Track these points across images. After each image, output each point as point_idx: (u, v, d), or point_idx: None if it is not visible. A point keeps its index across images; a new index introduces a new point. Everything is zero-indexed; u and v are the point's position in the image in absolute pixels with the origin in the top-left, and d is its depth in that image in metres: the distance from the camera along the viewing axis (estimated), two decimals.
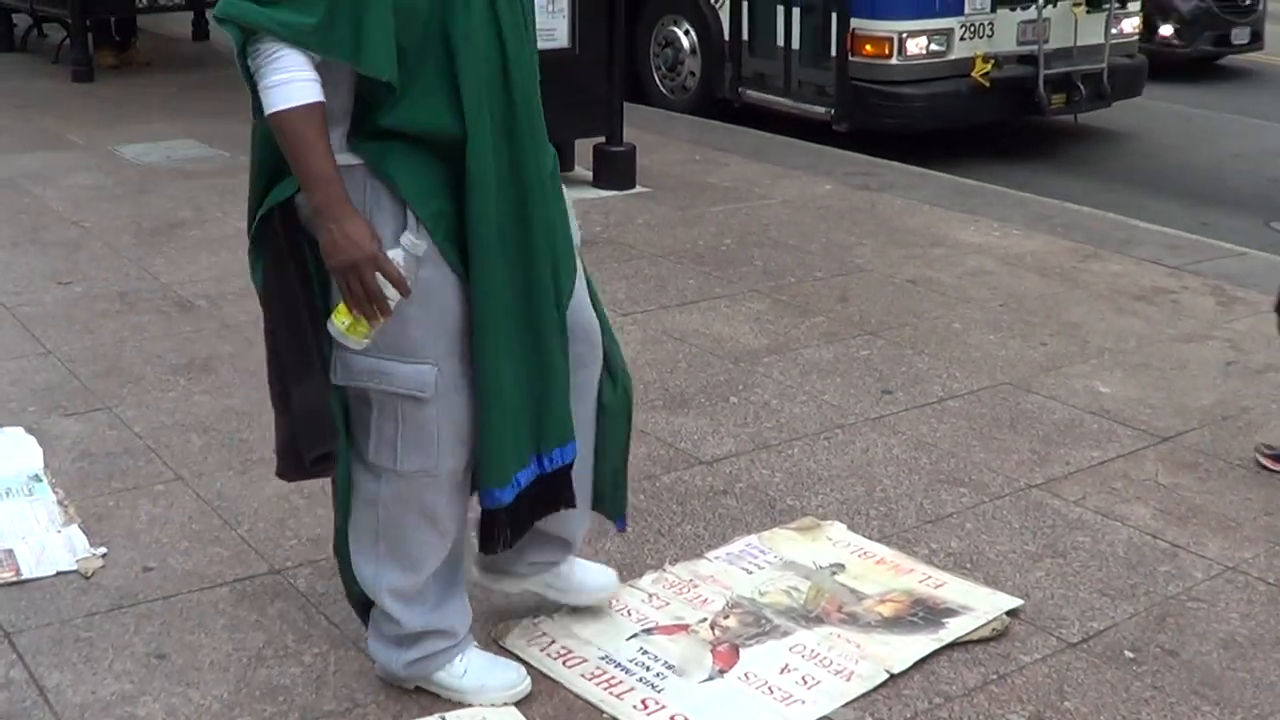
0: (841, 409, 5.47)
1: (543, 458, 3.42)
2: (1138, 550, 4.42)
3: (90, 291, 6.71)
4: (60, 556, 4.22)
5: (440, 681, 3.57)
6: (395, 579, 3.45)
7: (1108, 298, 6.93)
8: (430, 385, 3.23)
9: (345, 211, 3.05)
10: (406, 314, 3.18)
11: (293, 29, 2.95)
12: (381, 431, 3.32)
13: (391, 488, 3.37)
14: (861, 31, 10.32)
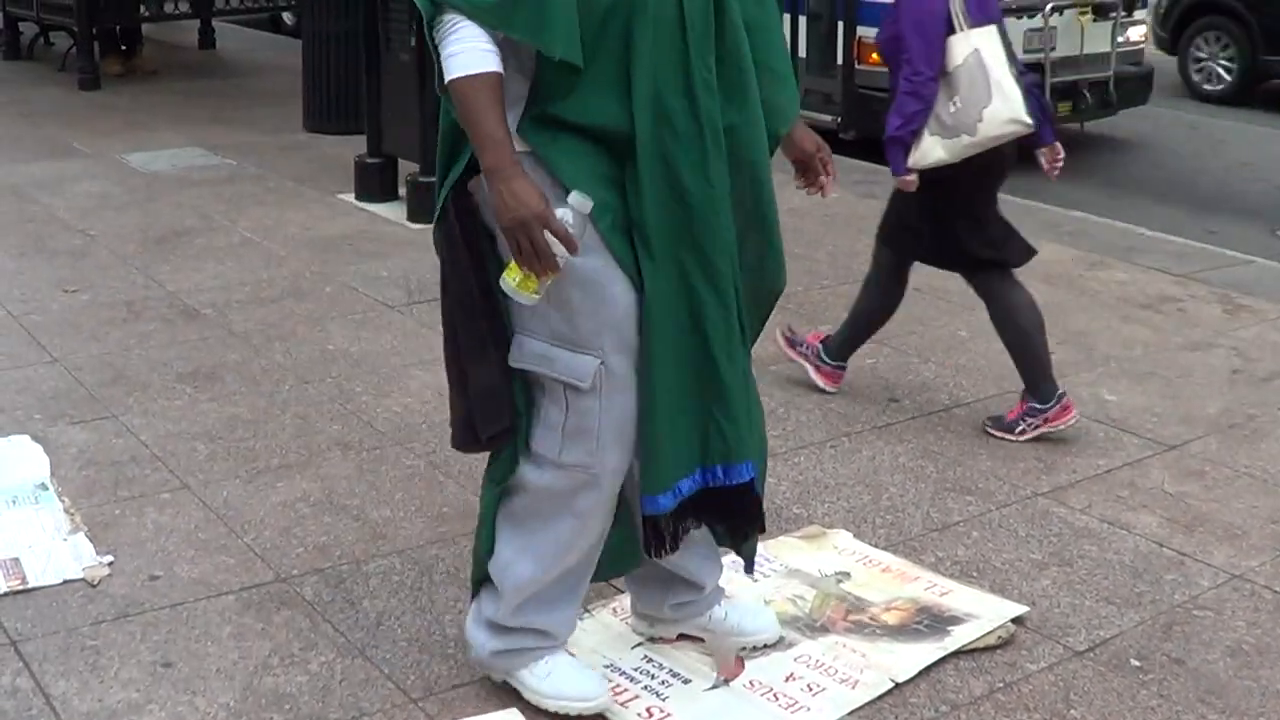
0: (848, 417, 5.46)
1: (708, 471, 3.39)
2: (1144, 558, 4.42)
3: (96, 300, 6.72)
4: (66, 565, 4.22)
5: (522, 679, 3.56)
6: (526, 571, 3.44)
7: (1114, 306, 6.92)
8: (589, 376, 3.22)
9: (515, 171, 3.08)
10: (573, 302, 3.20)
11: (476, 5, 3.02)
12: (549, 418, 3.32)
13: (547, 478, 3.35)
14: (868, 39, 10.06)
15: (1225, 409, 5.62)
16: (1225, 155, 11.41)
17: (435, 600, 4.08)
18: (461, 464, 4.92)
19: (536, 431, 3.35)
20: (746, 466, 3.42)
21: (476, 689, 3.66)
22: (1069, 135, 11.16)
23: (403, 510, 4.62)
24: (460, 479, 4.82)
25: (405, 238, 7.88)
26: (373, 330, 6.33)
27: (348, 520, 4.52)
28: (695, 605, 3.78)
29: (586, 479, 3.32)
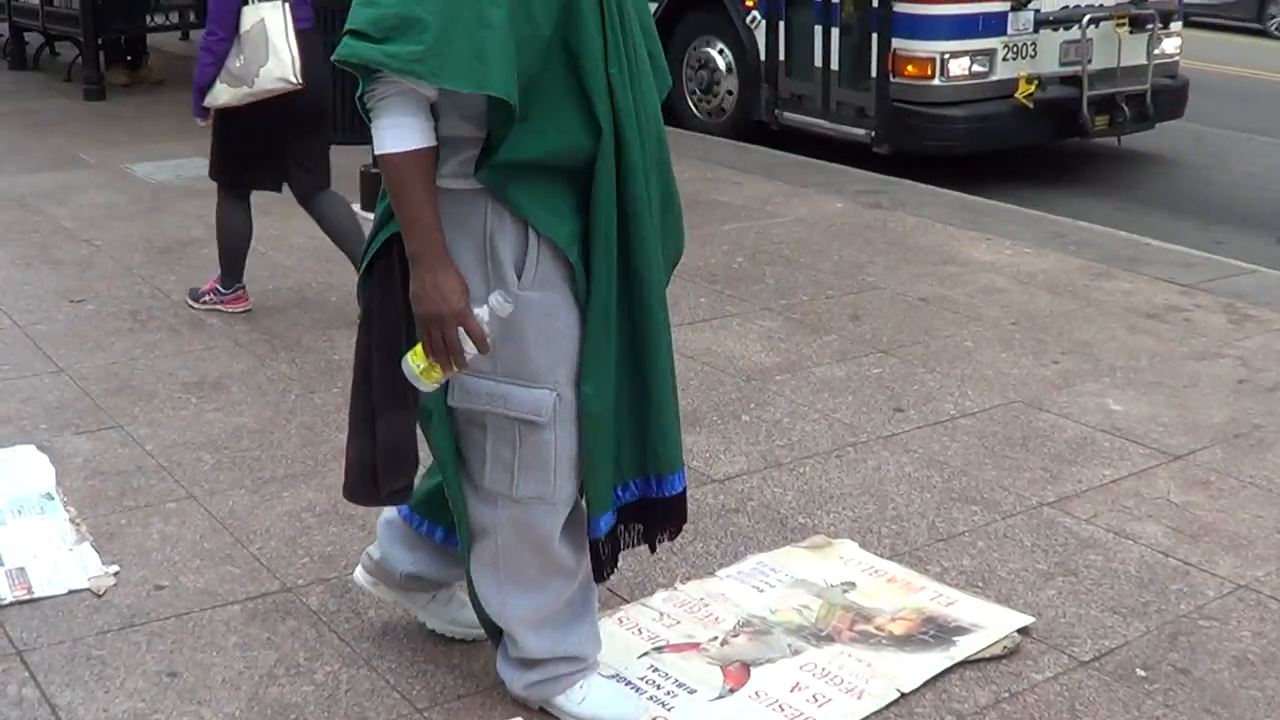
0: (853, 427, 5.46)
1: (650, 481, 3.43)
2: (1149, 568, 4.42)
3: (102, 309, 6.73)
4: (72, 574, 4.22)
5: (559, 706, 3.55)
6: (521, 606, 3.44)
7: (1119, 316, 6.92)
8: (549, 410, 3.23)
9: (440, 262, 3.08)
10: (526, 338, 3.19)
11: (402, 59, 2.95)
12: (498, 456, 3.31)
13: (507, 514, 3.35)
14: (903, 52, 10.07)
15: (1231, 419, 5.62)
16: (1230, 165, 11.40)
17: None
18: None
19: (487, 470, 3.33)
20: (678, 477, 3.46)
21: (482, 699, 3.66)
22: (1074, 147, 11.16)
23: None
24: None
25: None
26: None
27: (353, 530, 4.52)
28: (426, 585, 3.80)
29: (545, 508, 3.33)
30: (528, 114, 3.07)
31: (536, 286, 3.18)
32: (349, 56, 3.00)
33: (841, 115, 10.69)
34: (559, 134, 3.13)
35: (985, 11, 10.11)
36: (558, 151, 3.14)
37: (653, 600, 4.15)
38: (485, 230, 3.16)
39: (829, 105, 10.77)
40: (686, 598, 4.17)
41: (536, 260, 3.17)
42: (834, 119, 10.76)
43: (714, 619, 4.05)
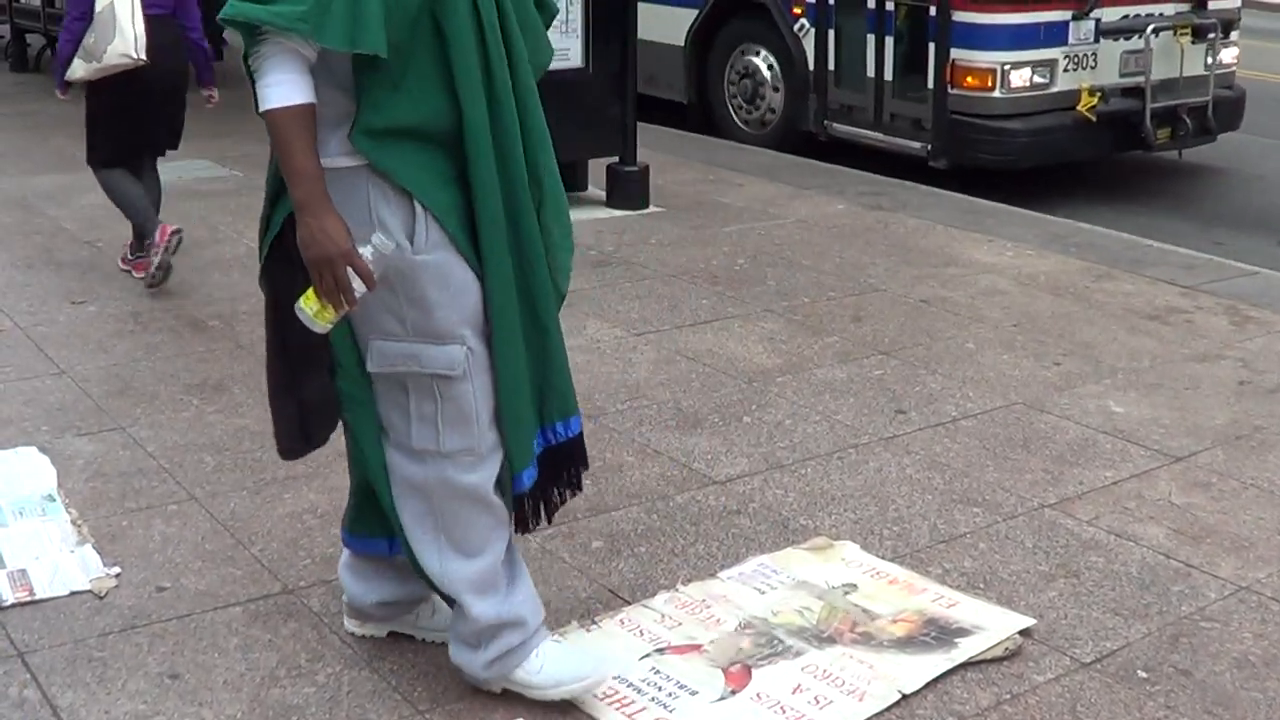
0: (855, 429, 5.46)
1: (547, 430, 3.57)
2: (1151, 570, 4.42)
3: (104, 311, 6.73)
4: (74, 576, 4.23)
5: (520, 680, 3.60)
6: (462, 569, 3.51)
7: (1121, 317, 6.92)
8: (460, 363, 3.36)
9: (324, 207, 3.20)
10: (428, 299, 3.32)
11: (286, 17, 3.09)
12: (422, 413, 3.42)
13: (437, 471, 3.44)
14: (962, 62, 9.74)
15: (1232, 420, 5.62)
16: (1233, 168, 11.39)
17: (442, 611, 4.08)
18: None
19: (413, 429, 3.44)
20: (576, 420, 3.64)
21: (483, 700, 3.66)
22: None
23: None
24: None
25: None
26: None
27: None
28: (400, 605, 3.86)
29: (472, 460, 3.43)
30: (400, 81, 3.21)
31: (430, 249, 3.31)
32: (235, 15, 3.14)
33: (895, 127, 10.40)
34: (429, 101, 3.25)
35: (1046, 21, 9.83)
36: (429, 119, 3.27)
37: (654, 602, 4.15)
38: (370, 204, 3.29)
39: (882, 117, 10.47)
40: (688, 599, 4.17)
41: (425, 225, 3.30)
42: (887, 131, 10.47)
43: (715, 620, 4.05)
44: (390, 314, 3.35)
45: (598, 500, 4.80)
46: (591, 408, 5.60)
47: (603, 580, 4.29)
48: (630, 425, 5.45)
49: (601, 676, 3.63)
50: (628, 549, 4.48)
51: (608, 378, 5.96)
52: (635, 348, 6.34)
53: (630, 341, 6.42)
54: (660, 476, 5.00)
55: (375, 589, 3.82)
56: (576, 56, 8.67)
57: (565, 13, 8.55)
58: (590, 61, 8.72)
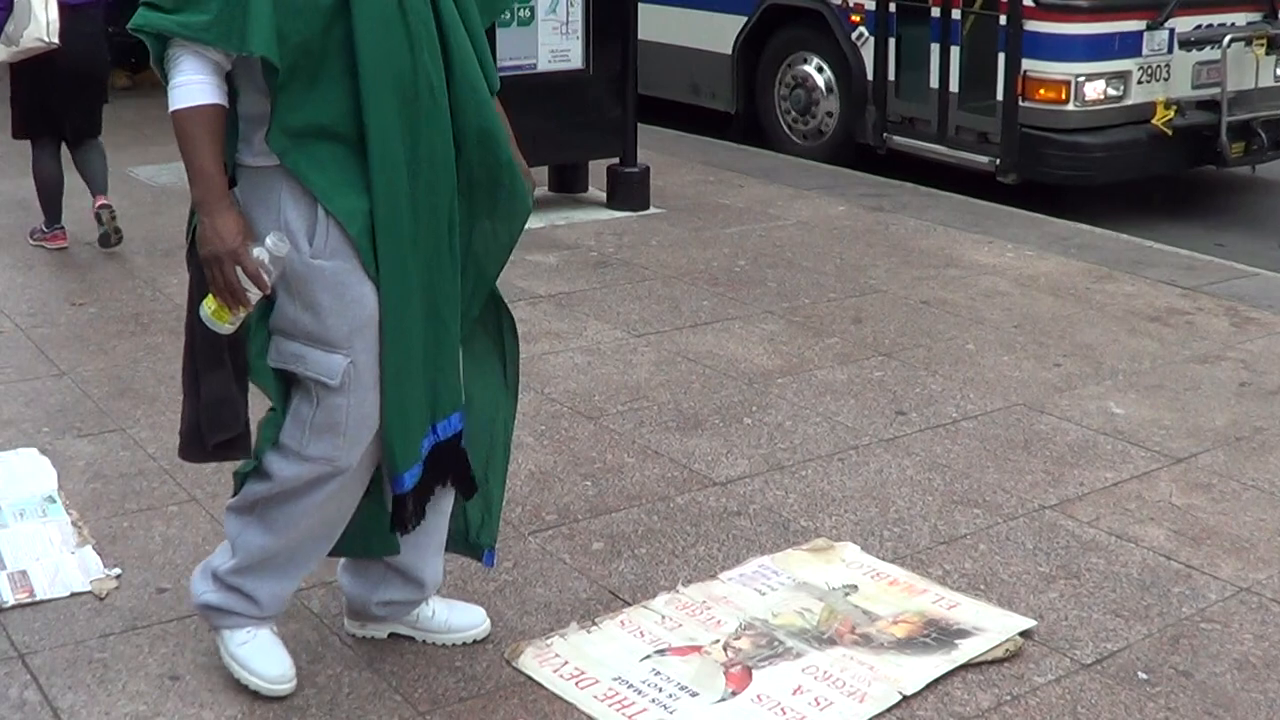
0: (855, 430, 5.46)
1: (436, 426, 3.56)
2: (1151, 571, 4.42)
3: (104, 313, 6.73)
4: (74, 578, 4.23)
5: (224, 639, 3.69)
6: (256, 539, 3.57)
7: (1121, 319, 6.92)
8: (339, 374, 3.36)
9: (219, 207, 3.25)
10: (323, 305, 3.34)
11: (191, 27, 3.17)
12: (299, 413, 3.46)
13: (291, 469, 3.47)
14: (1035, 74, 9.28)
15: (1233, 422, 5.62)
16: (1235, 170, 11.37)
17: None
18: None
19: (286, 424, 3.48)
20: (457, 416, 3.60)
21: (484, 702, 3.66)
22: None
23: None
24: None
25: None
26: None
27: None
28: (403, 605, 3.88)
29: (329, 470, 3.45)
30: (314, 81, 3.24)
31: (327, 255, 3.32)
32: (144, 25, 3.23)
33: (961, 141, 9.94)
34: (342, 102, 3.27)
35: (1120, 31, 9.38)
36: (340, 120, 3.28)
37: (654, 603, 4.15)
38: (279, 202, 3.32)
39: (946, 130, 10.01)
40: (688, 600, 4.17)
41: (326, 230, 3.31)
42: (952, 145, 10.02)
43: (716, 622, 4.05)
44: (286, 315, 3.39)
45: (598, 501, 4.80)
46: (592, 409, 5.60)
47: (603, 581, 4.29)
48: (630, 426, 5.45)
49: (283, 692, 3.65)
50: (628, 550, 4.48)
51: (608, 379, 5.96)
52: (636, 349, 6.34)
53: (630, 343, 6.42)
54: (661, 478, 5.00)
55: (375, 590, 3.83)
56: (577, 58, 8.68)
57: (565, 14, 8.56)
58: (590, 63, 8.72)
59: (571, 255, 7.90)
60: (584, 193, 9.28)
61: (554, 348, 6.32)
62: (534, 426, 5.41)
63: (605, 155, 9.08)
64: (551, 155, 9.02)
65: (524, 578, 4.30)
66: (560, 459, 5.14)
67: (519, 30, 8.41)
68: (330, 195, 3.29)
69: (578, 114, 8.81)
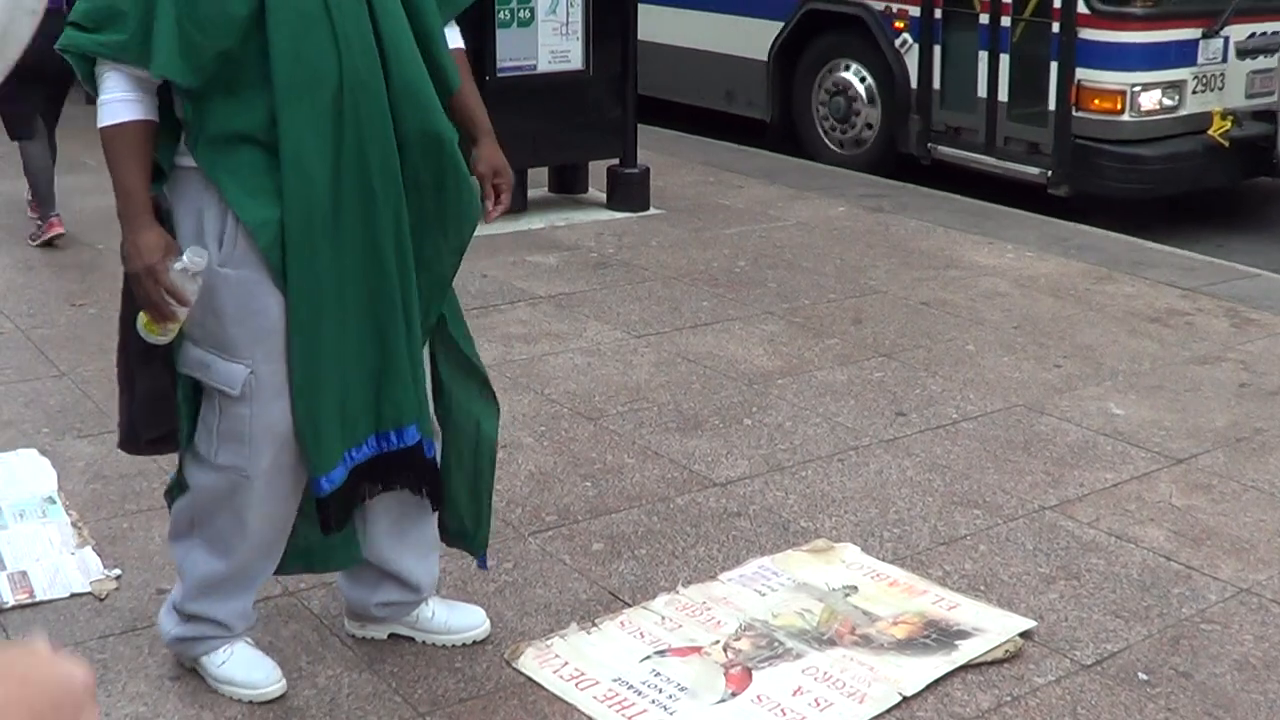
0: (855, 431, 5.47)
1: (381, 437, 3.53)
2: (1151, 572, 4.42)
3: (104, 313, 6.72)
4: (74, 578, 4.23)
5: (203, 664, 3.71)
6: (203, 565, 3.59)
7: (1121, 320, 6.92)
8: (239, 384, 3.37)
9: (140, 223, 3.30)
10: (225, 313, 3.36)
11: (111, 46, 3.24)
12: (206, 421, 3.49)
13: (208, 478, 3.50)
14: (1089, 83, 9.01)
15: (1233, 422, 5.62)
16: None
17: None
18: None
19: (198, 432, 3.51)
20: (413, 429, 3.55)
21: (484, 703, 3.66)
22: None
23: None
24: None
25: None
26: None
27: None
28: (402, 606, 3.89)
29: (240, 479, 3.46)
30: (234, 88, 3.27)
31: (234, 265, 3.33)
32: (69, 46, 3.29)
33: (1010, 152, 9.62)
34: (259, 110, 3.28)
35: (1177, 39, 9.14)
36: (258, 127, 3.29)
37: (654, 604, 4.15)
38: (199, 206, 3.34)
39: (994, 140, 9.69)
40: (688, 601, 4.17)
41: (234, 239, 3.32)
42: (1000, 155, 9.69)
43: (716, 623, 4.05)
44: (195, 321, 3.39)
45: (598, 502, 4.80)
46: (592, 409, 5.60)
47: (603, 582, 4.29)
48: (630, 427, 5.45)
49: (274, 693, 3.66)
50: (628, 551, 4.48)
51: (608, 380, 5.96)
52: (636, 350, 6.34)
53: (631, 344, 6.42)
54: (661, 479, 5.00)
55: (373, 592, 3.84)
56: (577, 59, 8.67)
57: (565, 15, 8.56)
58: (590, 64, 8.72)
59: (571, 256, 7.90)
60: (584, 193, 9.28)
61: (554, 348, 6.33)
62: (534, 427, 5.41)
63: (605, 156, 9.09)
64: (551, 156, 9.04)
65: (524, 578, 4.30)
66: (560, 460, 5.14)
67: (519, 31, 8.41)
68: (242, 204, 3.29)
69: (578, 115, 8.82)
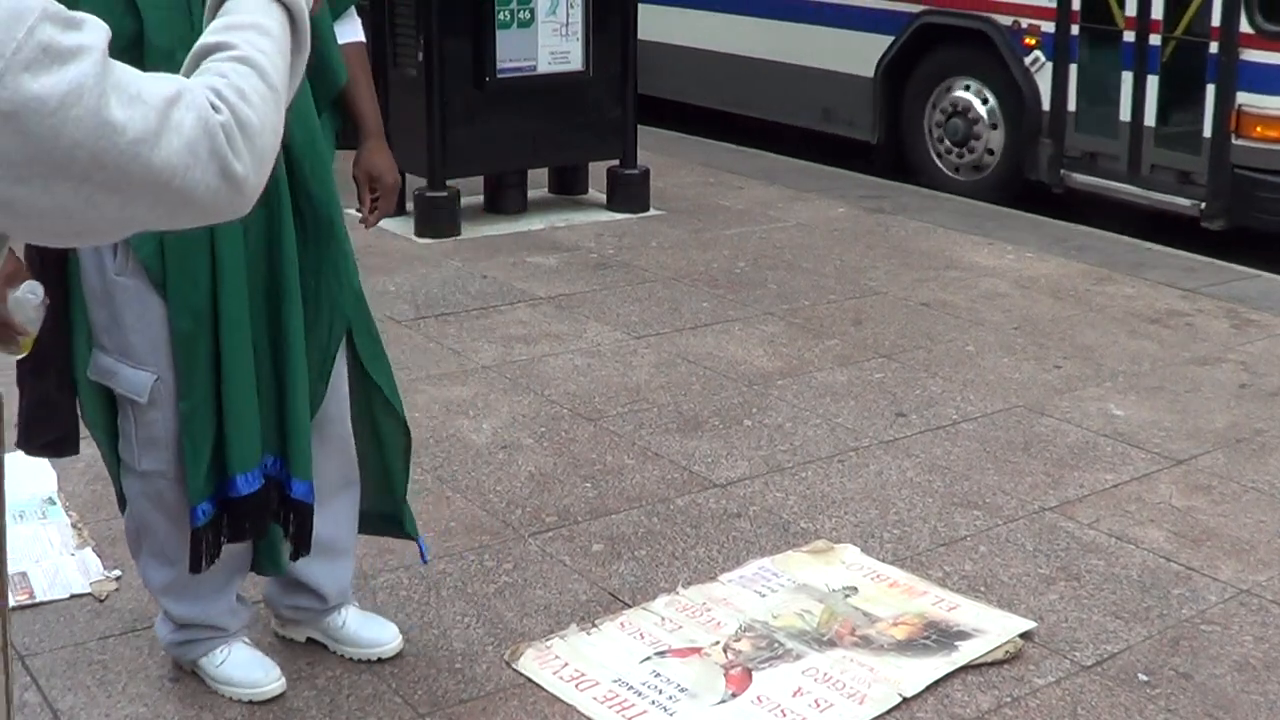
0: (855, 432, 5.47)
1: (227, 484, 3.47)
2: (1151, 573, 4.42)
3: None
4: (74, 579, 4.23)
5: (201, 666, 3.71)
6: (158, 575, 3.61)
7: (1121, 320, 6.92)
8: (146, 391, 3.37)
9: None
10: (124, 321, 3.35)
11: None
12: (125, 430, 3.49)
13: (137, 485, 3.51)
14: (1252, 109, 8.21)
15: (1233, 423, 5.62)
16: None
17: (442, 615, 4.08)
18: (468, 479, 4.93)
19: (120, 442, 3.52)
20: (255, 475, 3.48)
21: (484, 704, 3.66)
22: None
23: None
24: (467, 494, 4.82)
25: (413, 252, 7.90)
26: None
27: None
28: (311, 612, 3.88)
29: (165, 484, 3.47)
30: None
31: (130, 274, 3.32)
32: None
33: (1157, 181, 8.84)
34: None
35: None
36: None
37: (654, 605, 4.15)
38: None
39: (1139, 168, 8.91)
40: (688, 602, 4.17)
41: (127, 248, 3.29)
42: (1146, 185, 8.91)
43: (716, 624, 4.05)
44: (101, 329, 3.38)
45: (598, 503, 4.80)
46: (592, 410, 5.60)
47: (603, 583, 4.29)
48: (631, 428, 5.45)
49: (273, 692, 3.66)
50: (628, 552, 4.48)
51: (608, 381, 5.96)
52: (635, 351, 6.34)
53: (631, 344, 6.42)
54: (661, 479, 5.00)
55: (284, 594, 3.86)
56: (577, 59, 8.67)
57: (565, 16, 8.56)
58: (590, 65, 8.71)
59: (571, 257, 7.90)
60: (584, 194, 9.28)
61: (554, 349, 6.33)
62: (534, 428, 5.41)
63: (605, 157, 9.08)
64: (551, 157, 9.04)
65: (524, 579, 4.30)
66: (560, 461, 5.14)
67: (519, 32, 8.41)
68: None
69: (578, 115, 8.81)
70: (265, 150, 1.70)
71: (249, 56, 1.74)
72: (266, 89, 1.73)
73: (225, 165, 1.63)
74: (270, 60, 1.77)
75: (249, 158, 1.66)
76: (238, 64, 1.73)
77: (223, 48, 1.75)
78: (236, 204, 1.68)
